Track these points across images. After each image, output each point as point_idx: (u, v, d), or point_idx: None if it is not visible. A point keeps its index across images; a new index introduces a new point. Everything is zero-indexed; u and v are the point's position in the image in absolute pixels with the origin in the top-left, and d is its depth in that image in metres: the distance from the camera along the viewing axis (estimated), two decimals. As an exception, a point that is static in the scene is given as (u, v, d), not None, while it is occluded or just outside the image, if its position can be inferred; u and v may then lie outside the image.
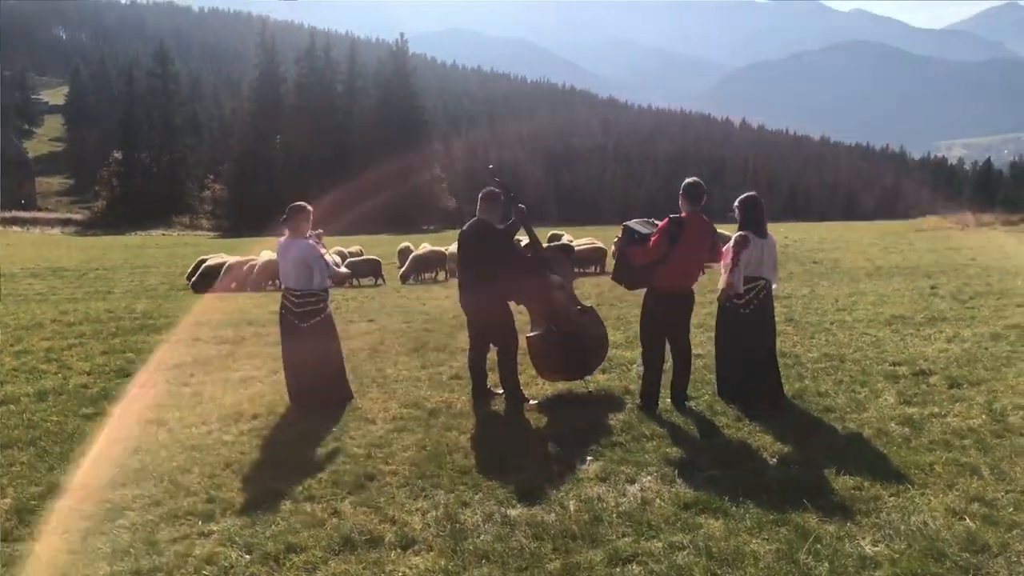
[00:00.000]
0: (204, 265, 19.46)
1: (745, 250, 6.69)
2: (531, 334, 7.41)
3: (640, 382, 7.03)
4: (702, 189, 6.75)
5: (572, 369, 7.44)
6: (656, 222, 6.93)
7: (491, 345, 7.40)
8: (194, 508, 5.00)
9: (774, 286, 7.03)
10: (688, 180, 6.81)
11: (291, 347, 7.26)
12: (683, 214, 6.70)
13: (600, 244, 20.08)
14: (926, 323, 9.96)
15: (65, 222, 73.89)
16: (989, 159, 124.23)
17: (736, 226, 6.92)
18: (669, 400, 6.90)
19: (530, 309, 7.51)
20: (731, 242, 6.81)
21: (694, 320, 7.52)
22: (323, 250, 7.34)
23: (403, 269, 19.34)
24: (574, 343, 7.33)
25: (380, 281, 19.06)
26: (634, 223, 7.01)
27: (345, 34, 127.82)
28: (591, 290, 14.88)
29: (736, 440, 5.97)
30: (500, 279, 7.06)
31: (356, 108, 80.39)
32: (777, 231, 6.86)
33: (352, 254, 21.45)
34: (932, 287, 13.18)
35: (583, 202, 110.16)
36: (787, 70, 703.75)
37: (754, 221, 6.83)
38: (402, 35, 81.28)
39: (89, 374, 8.65)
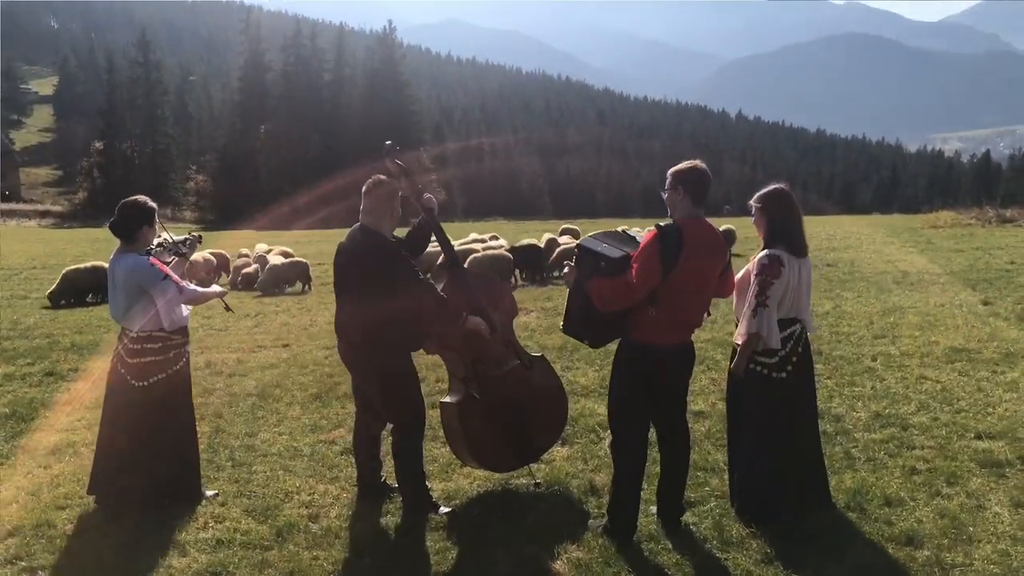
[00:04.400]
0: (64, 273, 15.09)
1: (777, 280, 4.14)
2: (445, 399, 4.88)
3: (609, 482, 4.45)
4: (708, 179, 4.05)
5: (505, 455, 4.84)
6: (633, 234, 4.31)
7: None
8: None
9: (810, 332, 4.52)
10: (685, 165, 4.09)
11: (114, 412, 4.73)
12: (678, 219, 4.05)
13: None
14: (1002, 360, 7.44)
15: (44, 214, 71.04)
16: (988, 152, 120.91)
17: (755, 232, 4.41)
18: (654, 512, 4.40)
19: (446, 361, 4.97)
20: (752, 266, 4.29)
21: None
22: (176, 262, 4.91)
23: None
24: (509, 419, 4.74)
25: (307, 288, 16.13)
26: (593, 241, 4.25)
27: (336, 24, 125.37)
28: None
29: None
30: (394, 319, 4.43)
31: (344, 97, 77.42)
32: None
33: (284, 255, 17.88)
34: (984, 302, 10.67)
35: (578, 194, 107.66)
36: (782, 62, 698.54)
37: (787, 231, 4.28)
38: (390, 22, 78.45)
39: None
